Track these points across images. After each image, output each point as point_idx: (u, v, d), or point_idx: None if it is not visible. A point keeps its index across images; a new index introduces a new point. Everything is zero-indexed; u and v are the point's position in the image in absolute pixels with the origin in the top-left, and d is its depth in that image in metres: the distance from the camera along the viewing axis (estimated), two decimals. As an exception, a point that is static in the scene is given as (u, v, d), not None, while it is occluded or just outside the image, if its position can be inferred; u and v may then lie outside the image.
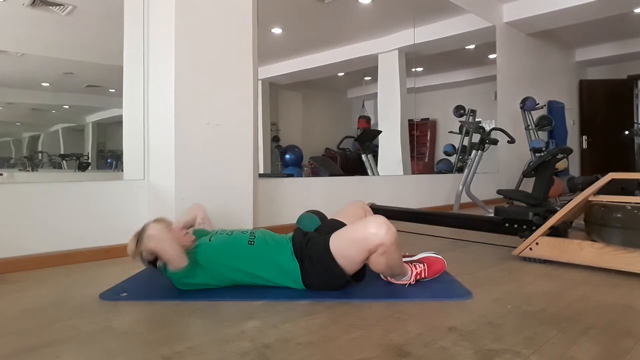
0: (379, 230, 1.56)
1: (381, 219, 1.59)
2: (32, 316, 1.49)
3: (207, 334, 1.31)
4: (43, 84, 2.52)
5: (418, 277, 1.79)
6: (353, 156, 4.86)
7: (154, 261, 1.72)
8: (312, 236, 1.76)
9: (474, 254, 2.47)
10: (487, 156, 4.64)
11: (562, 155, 4.45)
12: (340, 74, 5.21)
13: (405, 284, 1.77)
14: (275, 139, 4.29)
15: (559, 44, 7.21)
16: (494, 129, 4.82)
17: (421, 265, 1.81)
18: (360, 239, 1.60)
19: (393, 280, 1.79)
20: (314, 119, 5.12)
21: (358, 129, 5.06)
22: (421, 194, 4.58)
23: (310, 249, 1.69)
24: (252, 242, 1.73)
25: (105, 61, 2.71)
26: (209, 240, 1.76)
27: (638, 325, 1.36)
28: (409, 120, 5.04)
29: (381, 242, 1.56)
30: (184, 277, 1.67)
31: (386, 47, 4.97)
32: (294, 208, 3.06)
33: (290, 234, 1.81)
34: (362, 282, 1.76)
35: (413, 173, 4.98)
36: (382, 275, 1.82)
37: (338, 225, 1.80)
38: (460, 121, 5.43)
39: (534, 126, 5.86)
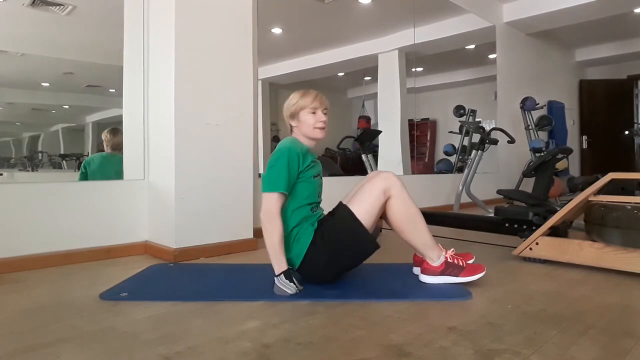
0: (388, 174, 1.77)
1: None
2: (32, 316, 1.49)
3: (207, 334, 1.31)
4: (43, 84, 2.52)
5: (453, 260, 1.79)
6: (353, 156, 4.86)
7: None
8: (333, 211, 1.85)
9: (474, 254, 2.46)
10: (487, 156, 4.64)
11: (562, 155, 4.45)
12: (340, 74, 5.20)
13: (438, 269, 1.78)
14: (275, 139, 4.29)
15: (559, 44, 7.21)
16: (494, 129, 4.82)
17: (459, 258, 1.83)
18: (375, 188, 1.75)
19: (427, 264, 1.80)
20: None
21: (358, 129, 5.06)
22: (421, 194, 4.58)
23: (334, 218, 1.77)
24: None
25: (105, 61, 2.71)
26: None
27: (638, 325, 1.36)
28: (409, 120, 5.04)
29: (391, 184, 1.74)
30: None
31: (386, 47, 4.97)
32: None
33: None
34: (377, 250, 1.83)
35: (413, 173, 4.98)
36: (415, 255, 1.91)
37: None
38: (460, 121, 5.43)
39: (534, 126, 5.86)
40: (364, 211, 1.73)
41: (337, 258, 1.73)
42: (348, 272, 1.87)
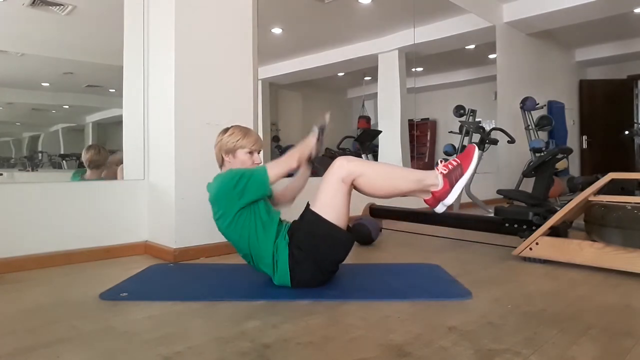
0: (340, 162, 1.69)
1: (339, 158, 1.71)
2: (32, 316, 1.49)
3: (207, 334, 1.31)
4: (43, 84, 2.52)
5: (447, 169, 1.75)
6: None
7: None
8: (302, 215, 1.78)
9: (474, 254, 2.47)
10: (487, 156, 4.64)
11: (562, 155, 4.45)
12: (340, 74, 5.21)
13: (447, 186, 1.73)
14: (275, 139, 4.29)
15: (559, 44, 7.21)
16: (494, 129, 4.82)
17: (450, 162, 1.78)
18: (331, 181, 1.68)
19: (434, 190, 1.74)
20: (314, 119, 5.11)
21: (358, 129, 5.06)
22: (421, 194, 4.58)
23: (303, 225, 1.71)
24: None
25: (105, 61, 2.71)
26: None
27: (638, 325, 1.36)
28: (409, 120, 5.04)
29: (349, 169, 1.67)
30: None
31: (386, 47, 4.97)
32: (294, 208, 3.06)
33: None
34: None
35: (413, 173, 4.96)
36: (425, 200, 1.80)
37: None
38: (460, 121, 5.42)
39: (534, 126, 5.86)
40: (329, 208, 1.68)
41: (321, 263, 1.71)
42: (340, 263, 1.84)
